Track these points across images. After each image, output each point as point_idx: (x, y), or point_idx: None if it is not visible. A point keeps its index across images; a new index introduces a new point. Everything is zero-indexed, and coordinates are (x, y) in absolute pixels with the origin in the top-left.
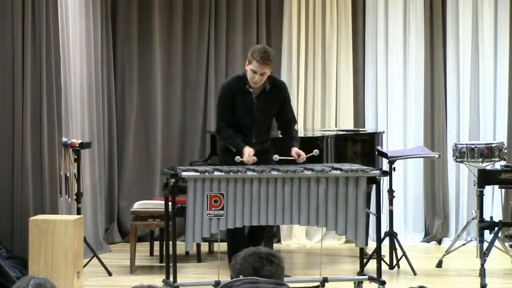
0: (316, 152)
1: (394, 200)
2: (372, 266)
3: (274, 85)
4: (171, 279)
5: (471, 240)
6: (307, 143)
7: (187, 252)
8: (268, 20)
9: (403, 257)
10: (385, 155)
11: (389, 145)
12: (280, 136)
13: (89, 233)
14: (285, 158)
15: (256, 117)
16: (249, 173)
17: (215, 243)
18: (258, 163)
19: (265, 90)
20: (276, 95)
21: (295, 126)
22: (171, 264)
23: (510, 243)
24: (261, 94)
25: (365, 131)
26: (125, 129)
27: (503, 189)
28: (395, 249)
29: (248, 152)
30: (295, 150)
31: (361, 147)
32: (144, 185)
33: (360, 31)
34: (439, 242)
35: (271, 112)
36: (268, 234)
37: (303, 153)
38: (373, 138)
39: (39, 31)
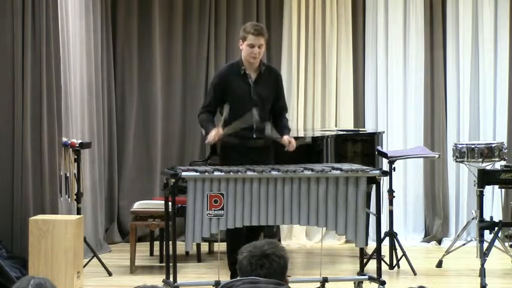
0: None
1: (394, 200)
2: (372, 266)
3: (269, 70)
4: (171, 279)
5: (471, 240)
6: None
7: (187, 252)
8: (268, 19)
9: (403, 257)
10: (385, 155)
11: (389, 145)
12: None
13: (89, 233)
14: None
15: (255, 101)
16: (249, 173)
17: (215, 243)
18: (258, 161)
19: (261, 73)
20: (272, 81)
21: (286, 115)
22: (171, 264)
23: (510, 243)
24: (258, 78)
25: (365, 131)
26: (125, 129)
27: (503, 189)
28: (395, 249)
29: (214, 134)
30: (286, 137)
31: (361, 147)
32: (144, 185)
33: (360, 31)
34: (439, 242)
35: (268, 98)
36: (268, 234)
37: (293, 140)
38: (373, 138)
39: (39, 31)
